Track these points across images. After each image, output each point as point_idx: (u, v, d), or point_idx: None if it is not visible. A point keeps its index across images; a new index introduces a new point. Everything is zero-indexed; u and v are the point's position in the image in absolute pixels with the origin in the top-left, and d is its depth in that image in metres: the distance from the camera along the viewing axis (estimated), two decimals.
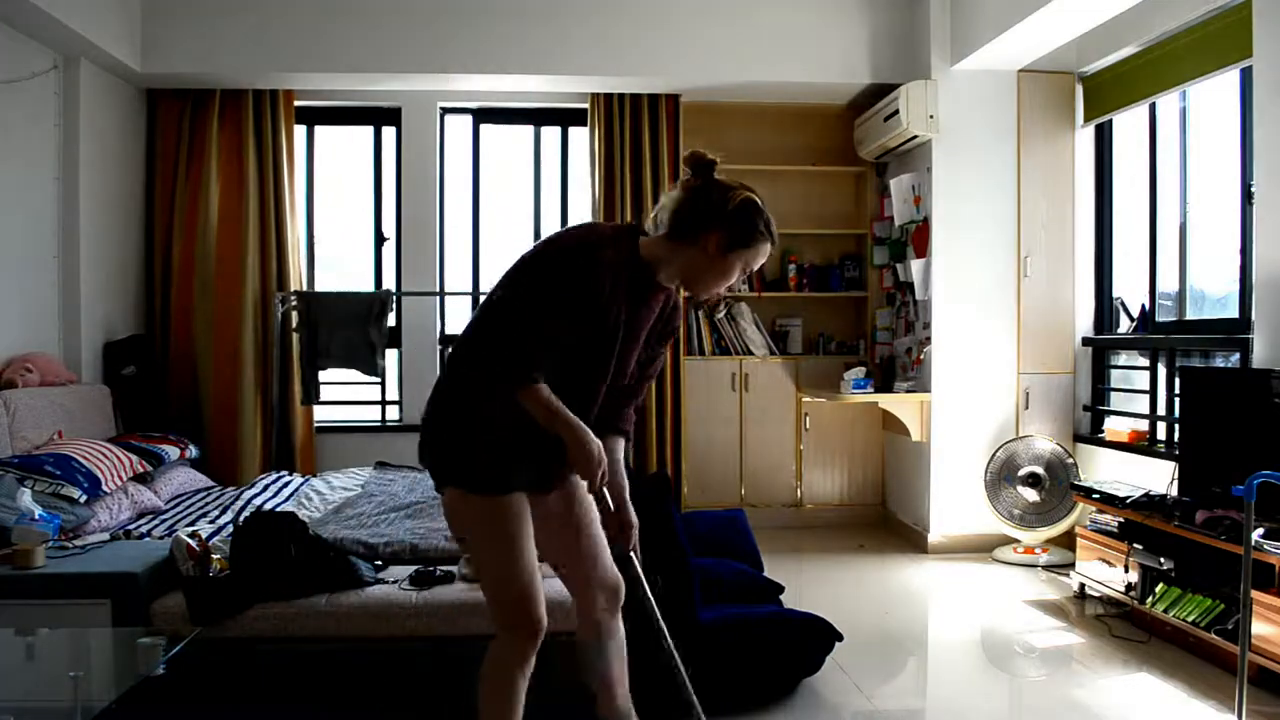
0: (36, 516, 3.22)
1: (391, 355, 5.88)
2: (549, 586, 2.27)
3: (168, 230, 5.60)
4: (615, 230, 2.14)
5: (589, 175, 5.86)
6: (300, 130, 5.92)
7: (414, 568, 3.11)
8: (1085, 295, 5.29)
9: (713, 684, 3.10)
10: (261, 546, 2.93)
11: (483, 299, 2.10)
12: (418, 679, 2.85)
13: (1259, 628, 3.18)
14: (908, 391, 5.38)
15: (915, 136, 5.25)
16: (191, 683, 2.67)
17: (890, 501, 5.97)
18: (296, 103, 5.75)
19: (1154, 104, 4.70)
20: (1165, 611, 3.71)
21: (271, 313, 5.48)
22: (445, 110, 6.03)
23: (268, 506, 4.10)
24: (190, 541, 2.99)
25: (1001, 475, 5.05)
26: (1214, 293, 4.45)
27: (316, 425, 5.79)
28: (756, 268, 2.14)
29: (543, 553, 2.24)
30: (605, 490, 2.16)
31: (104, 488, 3.78)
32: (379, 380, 5.75)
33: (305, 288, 5.85)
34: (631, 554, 2.26)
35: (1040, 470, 4.98)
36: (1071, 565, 4.56)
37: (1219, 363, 4.32)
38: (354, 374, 5.53)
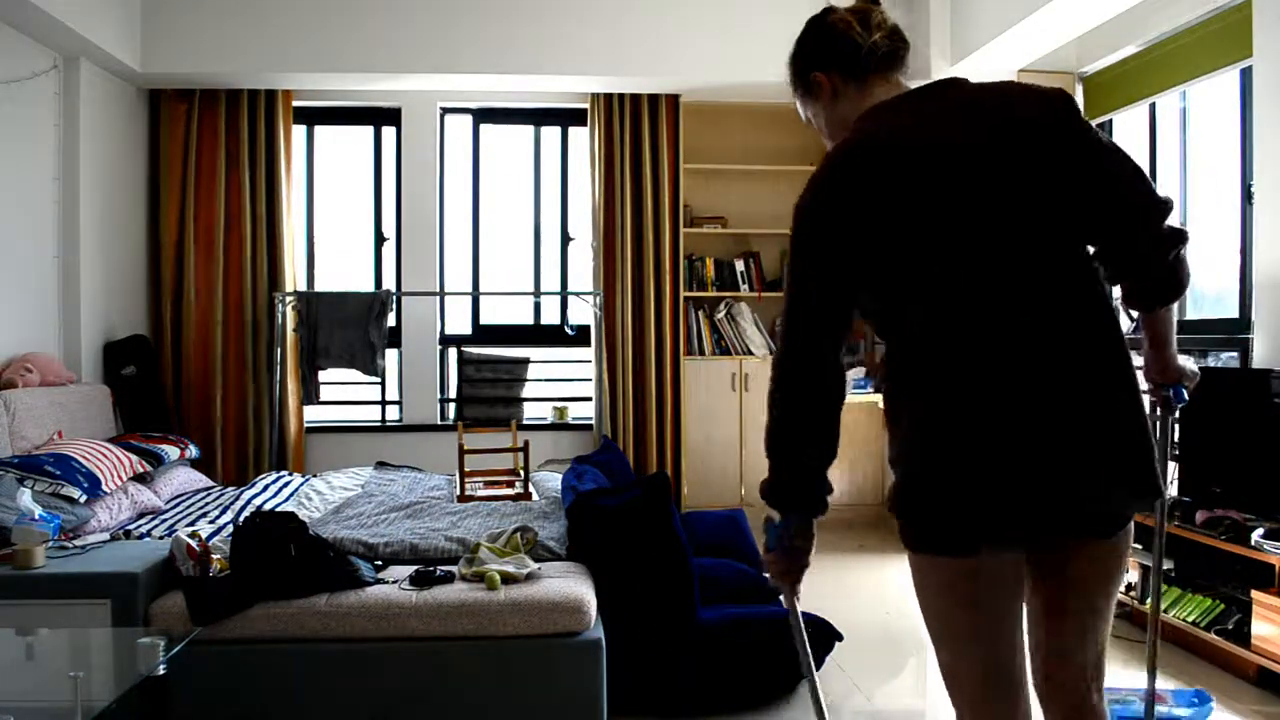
0: (36, 516, 3.22)
1: (391, 355, 5.89)
2: None
3: (168, 230, 5.60)
4: None
5: (589, 175, 5.86)
6: (300, 130, 5.93)
7: (414, 568, 3.11)
8: None
9: (713, 684, 3.11)
10: (261, 546, 2.93)
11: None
12: (418, 679, 2.85)
13: (1259, 628, 3.18)
14: None
15: None
16: (191, 683, 2.68)
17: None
18: (296, 102, 5.76)
19: (1154, 104, 4.69)
20: (1165, 611, 3.70)
21: (274, 312, 5.48)
22: (445, 110, 6.03)
23: (268, 506, 4.09)
24: (190, 541, 2.99)
25: None
26: (1214, 293, 4.44)
27: (307, 425, 5.79)
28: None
29: None
30: None
31: (104, 488, 3.78)
32: (379, 380, 5.76)
33: (305, 288, 5.85)
34: None
35: None
36: None
37: (1218, 363, 4.32)
38: (354, 374, 5.54)
